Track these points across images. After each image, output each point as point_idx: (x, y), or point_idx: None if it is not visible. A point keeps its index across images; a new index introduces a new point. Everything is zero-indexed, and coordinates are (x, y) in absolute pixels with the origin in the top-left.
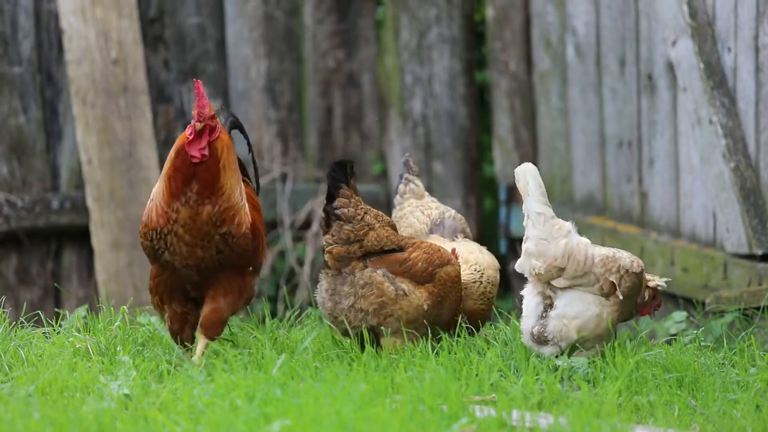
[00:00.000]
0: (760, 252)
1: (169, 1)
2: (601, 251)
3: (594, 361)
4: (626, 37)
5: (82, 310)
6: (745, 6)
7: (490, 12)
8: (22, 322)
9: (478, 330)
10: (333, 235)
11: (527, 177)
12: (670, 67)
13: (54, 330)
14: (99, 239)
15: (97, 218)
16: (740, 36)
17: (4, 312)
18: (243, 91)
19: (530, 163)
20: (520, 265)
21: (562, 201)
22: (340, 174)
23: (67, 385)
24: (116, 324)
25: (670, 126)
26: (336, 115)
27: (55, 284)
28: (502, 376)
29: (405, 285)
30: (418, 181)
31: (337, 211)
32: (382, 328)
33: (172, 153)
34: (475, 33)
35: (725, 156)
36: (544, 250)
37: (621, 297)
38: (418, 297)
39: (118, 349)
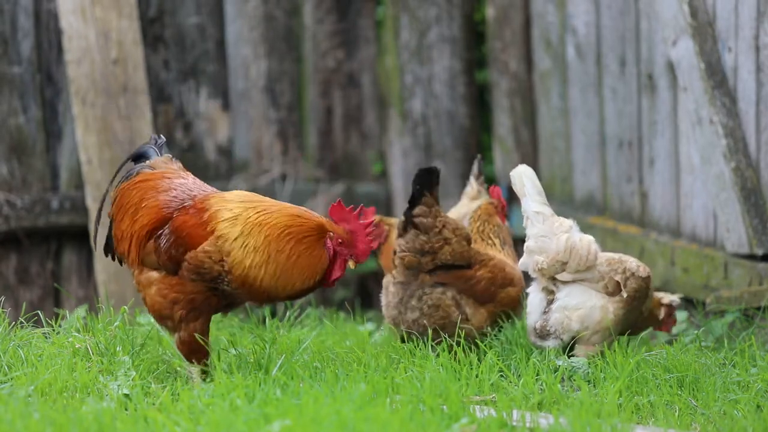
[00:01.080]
0: (760, 252)
1: (169, 1)
2: (607, 254)
3: (595, 362)
4: (626, 37)
5: (81, 311)
6: (746, 6)
7: (490, 12)
8: (21, 322)
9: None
10: (407, 242)
11: (523, 178)
12: (671, 67)
13: (53, 330)
14: (99, 239)
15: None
16: (741, 36)
17: (3, 312)
18: (243, 91)
19: (525, 165)
20: (523, 264)
21: (563, 201)
22: (426, 181)
23: (66, 385)
24: (116, 324)
25: (671, 126)
26: (336, 115)
27: (55, 284)
28: (502, 376)
29: (468, 308)
30: (474, 183)
31: (415, 220)
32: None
33: (307, 264)
34: (475, 33)
35: (726, 156)
36: (545, 246)
37: (626, 295)
38: (478, 320)
39: (117, 349)
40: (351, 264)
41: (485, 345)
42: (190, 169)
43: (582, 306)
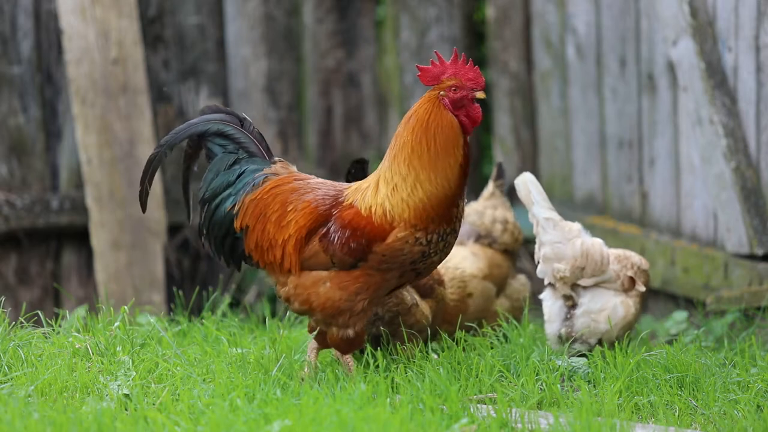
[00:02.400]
0: (760, 252)
1: (169, 0)
2: (612, 251)
3: (595, 362)
4: (627, 37)
5: (81, 311)
6: (746, 5)
7: (490, 12)
8: (21, 322)
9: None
10: None
11: (529, 186)
12: (671, 67)
13: (53, 330)
14: (99, 239)
15: (97, 218)
16: (741, 35)
17: (3, 312)
18: (243, 90)
19: (528, 173)
20: (541, 272)
21: (563, 201)
22: (360, 173)
23: (66, 385)
24: (116, 324)
25: (671, 126)
26: (336, 115)
27: (55, 284)
28: (501, 376)
29: (416, 296)
30: (491, 185)
31: None
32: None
33: (445, 137)
34: (476, 33)
35: (726, 156)
36: (562, 252)
37: (643, 289)
38: (424, 308)
39: (117, 349)
40: (479, 95)
41: (486, 344)
42: None
43: (605, 307)
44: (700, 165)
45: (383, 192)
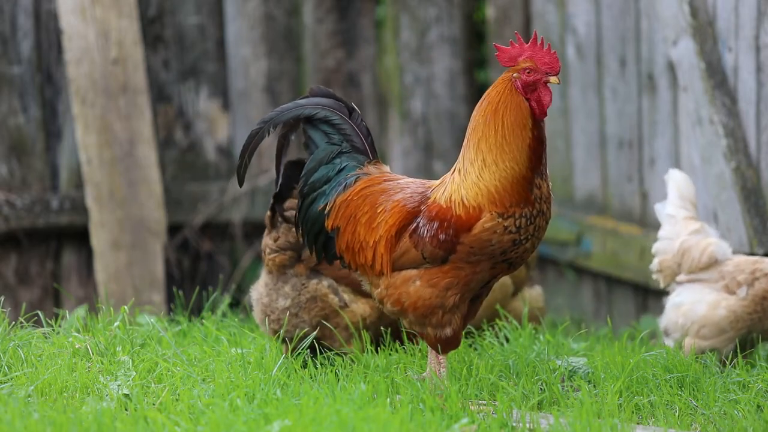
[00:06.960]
0: (760, 252)
1: (169, 0)
2: (743, 257)
3: (594, 361)
4: (627, 37)
5: (81, 311)
6: (746, 5)
7: (490, 12)
8: (21, 323)
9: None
10: (276, 241)
11: (669, 182)
12: (671, 67)
13: (53, 330)
14: (99, 239)
15: (97, 218)
16: (741, 35)
17: (3, 312)
18: (243, 90)
19: (678, 171)
20: (652, 265)
21: (563, 201)
22: (295, 174)
23: (66, 385)
24: (116, 324)
25: (671, 126)
26: None
27: (55, 284)
28: (501, 377)
29: (347, 295)
30: None
31: (285, 214)
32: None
33: (513, 119)
34: (475, 33)
35: (726, 156)
36: (666, 248)
37: (743, 294)
38: (361, 308)
39: (117, 349)
40: (553, 80)
41: (486, 344)
42: (190, 169)
43: (686, 302)
44: (700, 165)
45: (457, 179)
